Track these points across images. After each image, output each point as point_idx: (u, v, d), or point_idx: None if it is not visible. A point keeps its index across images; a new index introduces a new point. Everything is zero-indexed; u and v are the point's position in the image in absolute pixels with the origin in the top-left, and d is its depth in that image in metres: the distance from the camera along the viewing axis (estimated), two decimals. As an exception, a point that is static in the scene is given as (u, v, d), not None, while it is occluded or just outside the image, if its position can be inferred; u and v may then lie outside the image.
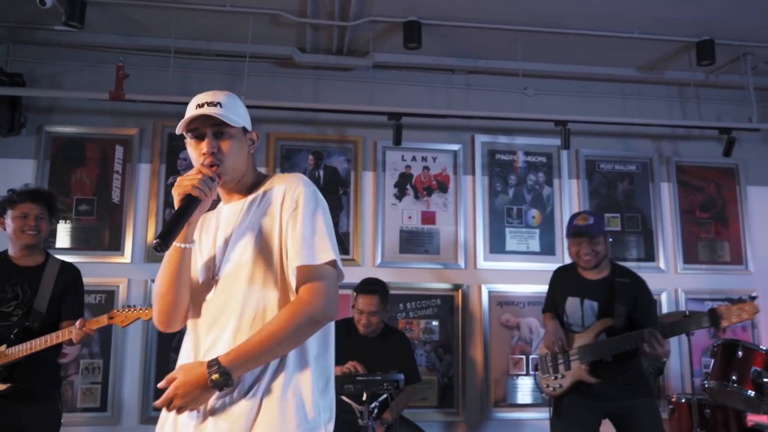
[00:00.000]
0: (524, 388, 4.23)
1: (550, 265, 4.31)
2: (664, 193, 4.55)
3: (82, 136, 4.15)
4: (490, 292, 4.28)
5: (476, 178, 4.40)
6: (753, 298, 3.02)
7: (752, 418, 3.75)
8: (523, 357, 4.26)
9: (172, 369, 4.55)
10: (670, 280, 4.40)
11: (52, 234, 3.99)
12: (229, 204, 1.71)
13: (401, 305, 4.18)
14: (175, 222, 1.54)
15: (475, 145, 4.43)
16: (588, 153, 4.51)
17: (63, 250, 3.94)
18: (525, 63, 4.18)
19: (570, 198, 4.46)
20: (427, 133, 4.37)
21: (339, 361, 3.36)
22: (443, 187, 4.39)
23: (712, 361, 3.66)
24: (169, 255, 1.60)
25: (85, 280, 3.88)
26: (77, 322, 2.68)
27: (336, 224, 4.18)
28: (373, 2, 3.58)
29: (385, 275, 3.92)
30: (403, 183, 4.36)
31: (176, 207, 1.55)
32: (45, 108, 4.15)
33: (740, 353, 3.53)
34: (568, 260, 4.34)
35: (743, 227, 4.56)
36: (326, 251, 1.55)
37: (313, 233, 1.56)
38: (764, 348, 3.51)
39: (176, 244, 1.57)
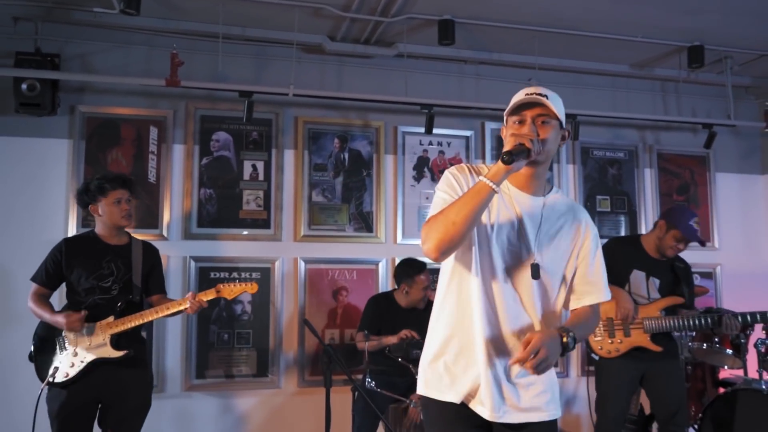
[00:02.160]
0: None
1: (551, 242, 4.84)
2: (647, 178, 5.12)
3: (117, 116, 4.24)
4: (497, 266, 4.73)
5: (487, 162, 4.79)
6: None
7: (723, 374, 4.42)
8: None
9: (213, 339, 4.81)
10: (651, 254, 4.98)
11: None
12: (525, 194, 1.95)
13: (421, 279, 4.57)
14: (516, 152, 1.74)
15: (485, 131, 4.83)
16: (583, 141, 4.98)
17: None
18: (533, 57, 4.58)
19: (567, 181, 4.95)
20: (442, 119, 4.69)
21: (390, 330, 3.75)
22: (457, 170, 4.76)
23: (696, 326, 4.27)
24: (477, 191, 1.76)
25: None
26: (188, 295, 2.98)
27: (360, 204, 4.53)
28: (416, 1, 3.85)
29: (406, 251, 4.31)
30: (421, 166, 4.71)
31: (507, 149, 1.77)
32: (77, 88, 4.21)
33: (721, 319, 4.15)
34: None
35: (711, 208, 5.21)
36: (609, 292, 2.05)
37: (606, 276, 2.04)
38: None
39: (490, 183, 1.75)
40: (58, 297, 3.30)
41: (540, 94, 1.88)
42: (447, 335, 1.95)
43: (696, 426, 4.02)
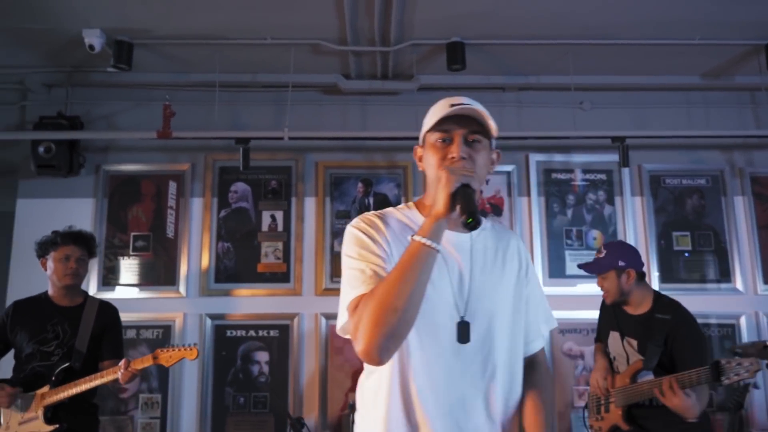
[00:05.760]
0: (591, 421, 3.98)
1: (615, 289, 4.09)
2: (738, 208, 4.22)
3: (137, 173, 4.24)
4: (550, 318, 4.07)
5: (532, 200, 4.21)
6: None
7: None
8: (588, 388, 4.01)
9: (228, 402, 4.46)
10: (749, 302, 4.05)
11: (113, 271, 4.09)
12: (452, 230, 1.46)
13: (457, 334, 4.03)
14: (470, 201, 1.30)
15: (529, 164, 4.25)
16: (652, 168, 4.24)
17: (122, 286, 4.03)
18: (578, 77, 3.98)
19: (634, 217, 4.20)
20: (479, 154, 4.22)
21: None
22: (497, 210, 4.22)
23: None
24: (416, 257, 1.29)
25: (142, 315, 3.98)
26: (121, 363, 2.70)
27: (387, 252, 4.11)
28: (414, 26, 3.49)
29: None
30: (455, 207, 4.23)
31: (446, 189, 1.32)
32: (102, 148, 4.27)
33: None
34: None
35: (828, 242, 4.17)
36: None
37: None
38: None
39: (428, 242, 1.30)
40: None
41: (469, 105, 1.45)
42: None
43: None
